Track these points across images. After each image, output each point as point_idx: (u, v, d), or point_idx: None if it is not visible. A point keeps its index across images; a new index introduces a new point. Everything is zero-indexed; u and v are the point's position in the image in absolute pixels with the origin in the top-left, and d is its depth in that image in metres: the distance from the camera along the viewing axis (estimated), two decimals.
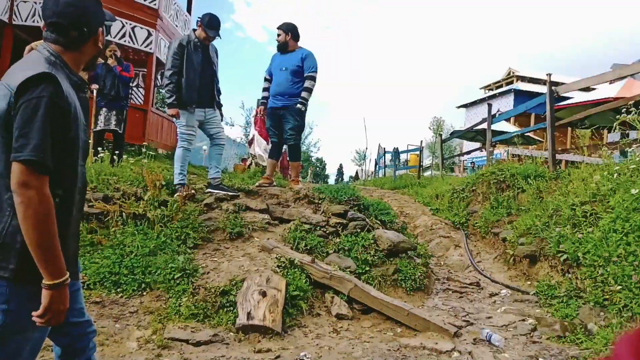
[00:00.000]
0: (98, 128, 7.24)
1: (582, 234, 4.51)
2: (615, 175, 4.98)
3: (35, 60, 1.53)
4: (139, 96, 14.18)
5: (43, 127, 1.40)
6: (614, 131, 5.80)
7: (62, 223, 1.49)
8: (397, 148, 20.08)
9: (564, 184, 5.86)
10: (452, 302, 4.70)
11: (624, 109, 5.34)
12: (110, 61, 7.47)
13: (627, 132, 7.17)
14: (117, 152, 7.00)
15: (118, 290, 3.93)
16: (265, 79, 6.45)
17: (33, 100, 1.41)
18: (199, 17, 5.60)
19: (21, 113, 1.40)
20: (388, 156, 22.23)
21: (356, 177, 47.99)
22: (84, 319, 1.87)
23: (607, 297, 3.82)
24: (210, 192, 5.65)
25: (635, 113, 5.24)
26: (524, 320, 4.02)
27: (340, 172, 76.94)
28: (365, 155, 34.98)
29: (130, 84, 8.31)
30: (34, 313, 1.46)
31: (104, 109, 7.32)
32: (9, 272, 1.46)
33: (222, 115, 6.00)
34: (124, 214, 4.74)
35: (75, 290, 1.80)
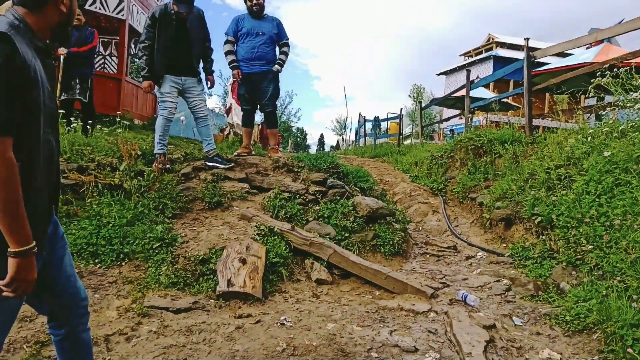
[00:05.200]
0: (62, 97, 6.95)
1: (557, 196, 4.60)
2: (589, 138, 5.06)
3: None
4: (112, 65, 13.79)
5: None
6: (589, 96, 5.86)
7: (23, 190, 1.45)
8: (378, 117, 20.07)
9: (540, 148, 5.94)
10: (430, 265, 4.79)
11: (599, 73, 5.38)
12: None
13: (603, 95, 7.25)
14: (89, 122, 6.81)
15: (96, 260, 3.90)
16: (230, 41, 6.19)
17: None
18: None
19: None
20: (368, 125, 22.23)
21: (337, 147, 48.03)
22: (74, 290, 1.87)
23: (579, 257, 3.92)
24: (207, 165, 5.60)
25: (610, 76, 5.28)
26: (498, 281, 4.13)
27: (321, 142, 76.95)
28: (345, 125, 34.96)
29: (99, 51, 7.90)
30: (0, 282, 1.44)
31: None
32: None
33: (211, 82, 5.85)
34: (99, 184, 4.66)
35: (57, 259, 1.78)
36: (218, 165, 5.54)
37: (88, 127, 6.58)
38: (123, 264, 3.93)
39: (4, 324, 1.57)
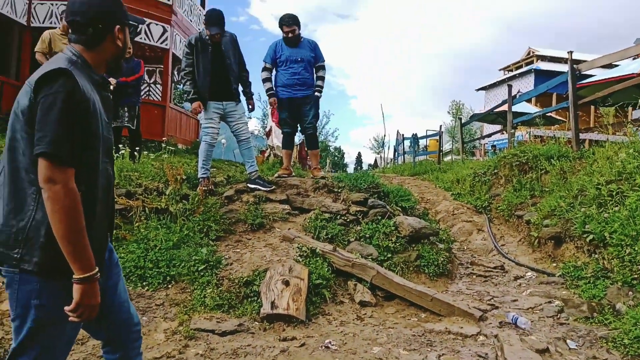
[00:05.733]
0: (112, 125, 7.20)
1: (609, 213, 4.42)
2: None
3: (57, 59, 1.59)
4: (156, 93, 14.29)
5: (59, 122, 1.42)
6: (639, 107, 5.64)
7: (84, 219, 1.50)
8: (416, 134, 19.89)
9: (589, 164, 5.74)
10: (477, 286, 4.66)
11: None
12: None
13: None
14: (136, 148, 7.06)
15: (144, 283, 4.00)
16: (267, 68, 6.26)
17: (50, 96, 1.43)
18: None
19: (40, 108, 1.43)
20: (407, 143, 22.05)
21: (375, 165, 47.81)
22: (128, 316, 1.91)
23: (636, 276, 3.74)
24: (249, 187, 5.70)
25: None
26: (550, 302, 3.97)
27: (359, 160, 76.88)
28: (383, 143, 34.81)
29: (144, 80, 8.15)
30: (66, 308, 1.49)
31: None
32: (33, 265, 1.49)
33: (252, 105, 6.00)
34: (146, 208, 4.81)
35: (112, 286, 1.84)
36: (260, 187, 5.62)
37: (135, 153, 6.81)
38: (170, 286, 4.01)
39: (64, 347, 1.63)
